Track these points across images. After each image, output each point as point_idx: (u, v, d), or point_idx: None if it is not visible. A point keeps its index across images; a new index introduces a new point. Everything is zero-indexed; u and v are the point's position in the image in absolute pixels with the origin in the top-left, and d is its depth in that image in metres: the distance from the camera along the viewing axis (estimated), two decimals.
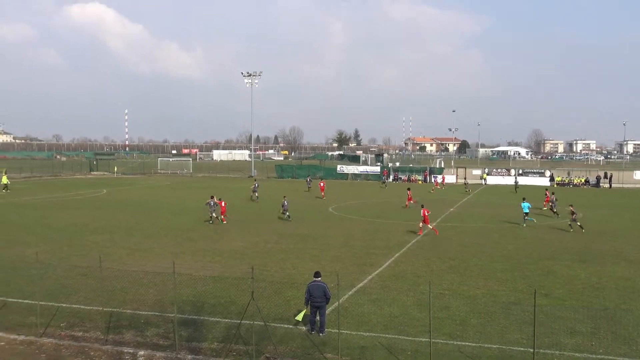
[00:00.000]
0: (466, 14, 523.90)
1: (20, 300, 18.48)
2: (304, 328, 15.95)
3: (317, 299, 15.45)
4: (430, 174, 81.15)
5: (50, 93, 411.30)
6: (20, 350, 14.44)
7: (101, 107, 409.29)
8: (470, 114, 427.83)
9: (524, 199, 38.64)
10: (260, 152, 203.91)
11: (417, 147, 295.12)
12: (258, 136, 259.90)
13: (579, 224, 33.82)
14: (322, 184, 56.84)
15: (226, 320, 16.61)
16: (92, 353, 14.26)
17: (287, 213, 38.38)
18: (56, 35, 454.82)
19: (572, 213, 33.97)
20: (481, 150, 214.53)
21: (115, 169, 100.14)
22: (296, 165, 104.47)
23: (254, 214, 42.10)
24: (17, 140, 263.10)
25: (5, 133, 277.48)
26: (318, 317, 15.60)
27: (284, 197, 40.81)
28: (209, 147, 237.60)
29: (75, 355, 14.16)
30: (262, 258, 25.70)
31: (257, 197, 52.05)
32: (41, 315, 16.13)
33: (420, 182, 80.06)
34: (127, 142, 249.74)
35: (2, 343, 14.94)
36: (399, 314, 17.27)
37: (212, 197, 37.62)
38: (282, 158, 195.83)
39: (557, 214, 40.78)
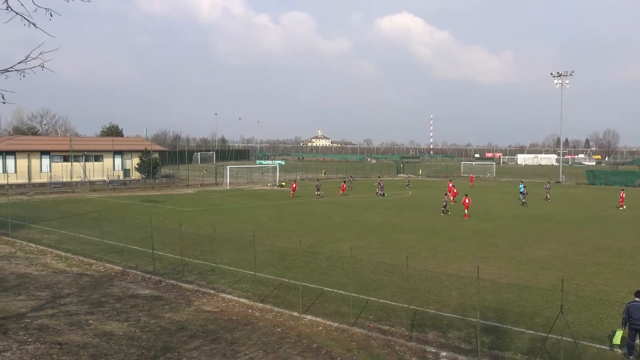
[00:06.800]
0: None
1: (335, 290, 20.32)
2: (619, 351, 14.44)
3: (637, 321, 13.90)
4: None
5: (362, 100, 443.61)
6: (334, 336, 15.83)
7: (408, 113, 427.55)
8: None
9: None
10: (569, 157, 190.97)
11: None
12: (567, 139, 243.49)
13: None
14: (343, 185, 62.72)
15: (530, 331, 15.92)
16: (397, 347, 14.94)
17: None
18: (368, 46, 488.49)
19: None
20: None
21: (420, 171, 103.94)
22: (610, 171, 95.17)
23: (566, 220, 39.60)
24: (334, 144, 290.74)
25: (324, 137, 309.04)
26: (638, 341, 14.01)
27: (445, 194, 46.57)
28: (513, 151, 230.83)
29: (382, 347, 14.99)
30: (571, 270, 24.02)
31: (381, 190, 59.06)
32: (353, 306, 17.47)
33: None
34: (431, 146, 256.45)
35: (320, 328, 16.59)
36: None
37: None
38: (594, 163, 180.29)
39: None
